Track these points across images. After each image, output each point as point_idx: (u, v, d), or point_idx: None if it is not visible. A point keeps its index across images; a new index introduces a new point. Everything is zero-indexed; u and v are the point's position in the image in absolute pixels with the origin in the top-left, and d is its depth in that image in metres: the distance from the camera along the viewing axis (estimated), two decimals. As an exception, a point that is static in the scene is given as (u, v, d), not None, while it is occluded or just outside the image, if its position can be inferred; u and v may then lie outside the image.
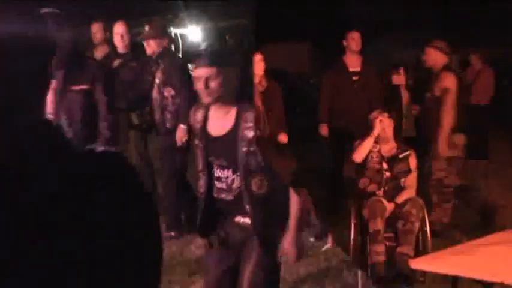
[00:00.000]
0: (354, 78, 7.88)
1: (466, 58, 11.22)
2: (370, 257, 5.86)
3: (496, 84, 11.44)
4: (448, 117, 6.88)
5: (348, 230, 6.19)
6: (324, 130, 7.93)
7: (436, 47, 7.18)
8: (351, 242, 6.13)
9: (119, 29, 7.39)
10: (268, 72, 6.55)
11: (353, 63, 7.94)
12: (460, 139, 7.15)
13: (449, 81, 6.94)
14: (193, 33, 20.16)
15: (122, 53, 7.39)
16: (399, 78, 8.11)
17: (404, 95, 8.07)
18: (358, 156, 6.22)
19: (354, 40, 7.91)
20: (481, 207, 7.25)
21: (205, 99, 4.07)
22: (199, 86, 4.05)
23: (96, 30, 7.60)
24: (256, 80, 6.41)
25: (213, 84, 4.07)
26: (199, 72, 4.26)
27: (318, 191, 8.87)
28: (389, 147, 6.29)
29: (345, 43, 7.97)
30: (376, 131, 6.19)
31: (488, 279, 4.07)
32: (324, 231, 6.71)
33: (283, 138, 6.47)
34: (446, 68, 7.11)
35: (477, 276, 4.10)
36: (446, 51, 7.16)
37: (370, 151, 6.26)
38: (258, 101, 6.45)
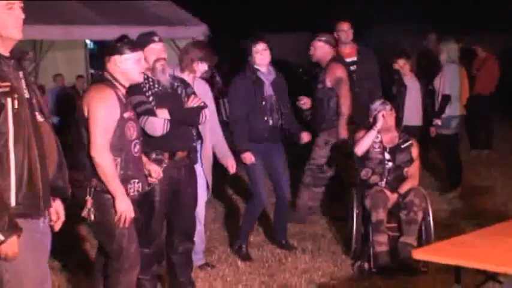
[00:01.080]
0: (352, 68, 7.85)
1: (470, 48, 11.16)
2: (373, 247, 5.86)
3: (501, 74, 11.42)
4: (345, 104, 7.11)
5: (350, 220, 6.20)
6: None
7: (323, 40, 7.16)
8: (354, 232, 6.14)
9: None
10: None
11: (348, 53, 7.89)
12: None
13: (340, 72, 7.02)
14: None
15: None
16: (400, 67, 8.09)
17: (412, 83, 8.04)
18: (360, 149, 6.21)
19: (344, 31, 7.86)
20: None
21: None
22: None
23: None
24: (264, 68, 6.40)
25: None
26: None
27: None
28: (391, 137, 6.28)
29: (336, 35, 7.90)
30: (379, 125, 6.15)
31: (492, 269, 4.07)
32: None
33: (306, 137, 6.59)
34: (334, 59, 7.16)
35: (481, 266, 4.09)
36: (333, 44, 7.20)
37: (372, 141, 6.24)
38: (270, 91, 6.40)
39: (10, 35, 3.29)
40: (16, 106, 3.22)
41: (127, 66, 4.31)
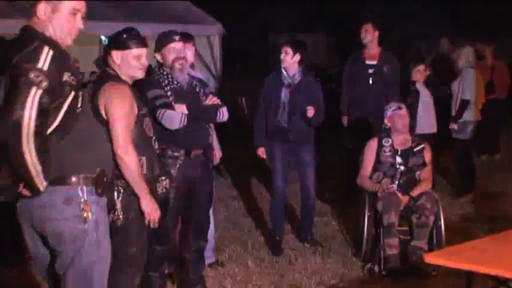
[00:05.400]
0: (370, 71, 7.87)
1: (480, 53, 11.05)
2: (383, 250, 5.85)
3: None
4: None
5: (362, 222, 6.19)
6: (345, 121, 8.08)
7: None
8: (365, 235, 6.13)
9: None
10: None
11: (370, 55, 7.93)
12: None
13: None
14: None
15: None
16: (417, 75, 8.03)
17: (423, 91, 7.99)
18: (359, 182, 6.33)
19: (366, 32, 7.89)
20: None
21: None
22: None
23: None
24: (290, 72, 6.55)
25: None
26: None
27: (335, 182, 8.87)
28: (403, 140, 6.25)
29: (360, 36, 7.94)
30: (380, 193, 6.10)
31: (503, 275, 4.05)
32: None
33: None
34: None
35: (492, 272, 4.08)
36: None
37: (382, 145, 6.23)
38: (286, 93, 6.57)
39: (62, 38, 3.40)
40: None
41: (124, 62, 4.15)
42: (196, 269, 5.25)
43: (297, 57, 6.50)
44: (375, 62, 7.87)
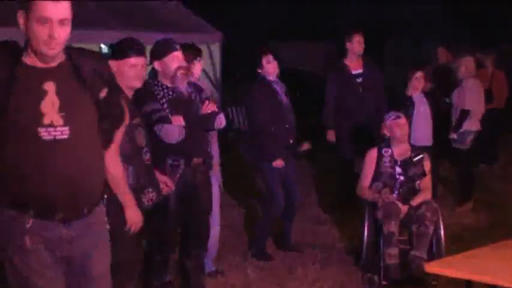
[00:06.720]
0: (358, 80, 7.88)
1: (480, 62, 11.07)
2: (383, 260, 5.84)
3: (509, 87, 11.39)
4: None
5: (361, 231, 6.19)
6: (331, 136, 7.92)
7: None
8: (364, 244, 6.13)
9: None
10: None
11: (355, 65, 7.93)
12: None
13: None
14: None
15: None
16: (415, 83, 7.99)
17: (421, 101, 7.95)
18: (359, 193, 6.30)
19: (359, 43, 7.88)
20: None
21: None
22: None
23: None
24: (275, 78, 6.52)
25: None
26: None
27: (334, 190, 8.87)
28: (402, 150, 6.26)
29: (349, 46, 7.91)
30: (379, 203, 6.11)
31: (504, 284, 4.06)
32: None
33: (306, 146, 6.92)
34: None
35: (492, 281, 4.09)
36: None
37: (382, 156, 6.23)
38: (285, 99, 6.57)
39: (40, 49, 3.16)
40: None
41: (120, 72, 4.15)
42: (196, 276, 5.25)
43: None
44: (361, 71, 7.89)
